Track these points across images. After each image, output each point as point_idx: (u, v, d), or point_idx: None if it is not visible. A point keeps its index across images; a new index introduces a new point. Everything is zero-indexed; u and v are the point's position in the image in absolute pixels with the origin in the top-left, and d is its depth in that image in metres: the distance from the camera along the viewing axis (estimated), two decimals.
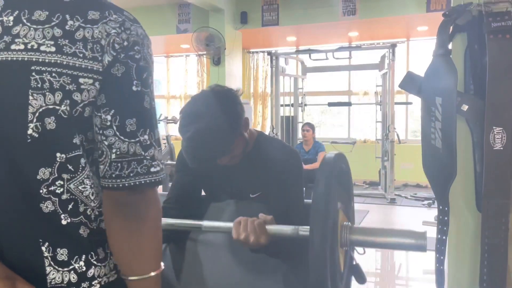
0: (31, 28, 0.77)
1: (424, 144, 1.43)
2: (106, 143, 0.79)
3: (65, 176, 0.78)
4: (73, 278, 0.79)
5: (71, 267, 0.79)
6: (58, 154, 0.77)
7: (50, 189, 0.77)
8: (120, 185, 0.79)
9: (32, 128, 0.76)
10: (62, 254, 0.79)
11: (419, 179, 7.58)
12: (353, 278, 1.42)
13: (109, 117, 0.78)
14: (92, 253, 0.81)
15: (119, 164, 0.79)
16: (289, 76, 7.52)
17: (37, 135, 0.76)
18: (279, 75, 7.11)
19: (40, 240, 0.78)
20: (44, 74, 0.75)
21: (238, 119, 1.38)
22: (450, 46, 1.38)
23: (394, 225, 5.81)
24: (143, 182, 0.79)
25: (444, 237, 1.37)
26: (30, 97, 0.75)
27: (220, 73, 7.03)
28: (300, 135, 6.99)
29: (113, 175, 0.79)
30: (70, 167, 0.78)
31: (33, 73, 0.75)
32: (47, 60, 0.76)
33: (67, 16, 0.77)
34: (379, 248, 1.24)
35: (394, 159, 6.75)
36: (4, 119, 0.77)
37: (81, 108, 0.78)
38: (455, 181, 1.32)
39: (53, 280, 0.78)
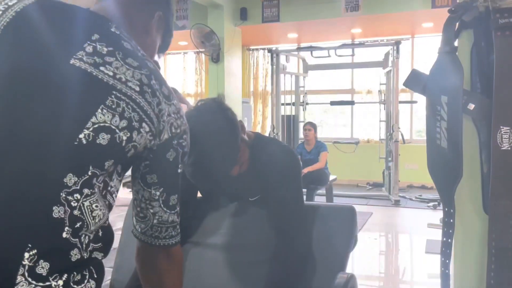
0: (124, 66, 0.87)
1: (429, 144, 1.43)
2: (151, 211, 0.95)
3: (86, 191, 0.82)
4: None
5: (47, 283, 0.76)
6: (91, 167, 0.82)
7: (68, 197, 0.79)
8: (157, 244, 0.98)
9: (84, 134, 0.81)
10: (43, 267, 0.76)
11: (424, 180, 7.58)
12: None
13: (158, 193, 0.94)
14: (73, 273, 0.80)
15: (159, 228, 0.97)
16: (290, 74, 7.53)
17: (85, 142, 0.81)
18: (280, 73, 7.11)
19: (29, 245, 0.75)
20: (121, 101, 0.84)
21: (234, 125, 1.38)
22: (456, 43, 1.38)
23: (398, 227, 5.82)
24: (174, 242, 0.99)
25: (449, 240, 1.37)
26: (99, 111, 0.82)
27: (219, 71, 7.03)
28: (301, 135, 6.99)
29: (153, 235, 0.97)
30: (94, 182, 0.83)
31: (112, 96, 0.84)
32: (128, 93, 0.85)
33: (152, 76, 0.90)
34: None
35: (398, 159, 6.74)
36: (65, 116, 0.81)
37: (131, 147, 0.87)
38: (461, 182, 1.32)
39: None
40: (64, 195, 0.79)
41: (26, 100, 0.82)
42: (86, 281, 0.82)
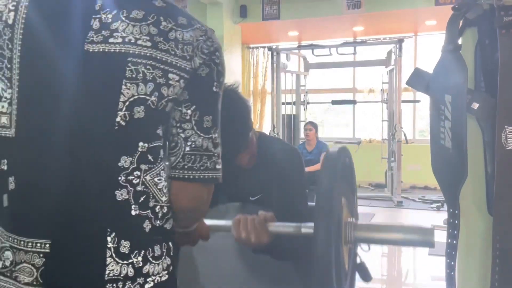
0: (130, 24, 0.87)
1: (432, 144, 1.43)
2: (182, 135, 0.89)
3: (143, 167, 0.86)
4: (130, 272, 0.85)
5: (130, 260, 0.85)
6: (140, 144, 0.86)
7: (128, 178, 0.85)
8: (191, 177, 0.90)
9: (120, 116, 0.84)
10: (125, 246, 0.85)
11: (427, 181, 7.58)
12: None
13: (189, 112, 0.89)
14: (149, 249, 0.87)
15: (192, 157, 0.90)
16: (291, 72, 7.52)
17: (124, 123, 0.84)
18: (280, 72, 7.11)
19: (108, 229, 0.84)
20: (139, 66, 0.85)
21: (246, 104, 1.41)
22: (460, 41, 1.38)
23: None
24: (211, 176, 0.91)
25: (454, 242, 1.37)
26: (123, 87, 0.84)
27: None
28: (302, 135, 6.99)
29: (186, 166, 0.90)
30: (150, 157, 0.87)
31: (129, 64, 0.85)
32: (142, 53, 0.85)
33: (161, 18, 0.88)
34: (385, 245, 1.29)
35: (401, 160, 6.75)
36: (95, 107, 0.86)
37: (165, 103, 0.87)
38: (465, 182, 1.32)
39: (112, 272, 0.83)
40: (123, 178, 0.85)
41: (66, 101, 0.86)
42: (163, 257, 0.89)
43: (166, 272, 0.89)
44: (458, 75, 1.31)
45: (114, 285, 0.83)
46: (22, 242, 0.84)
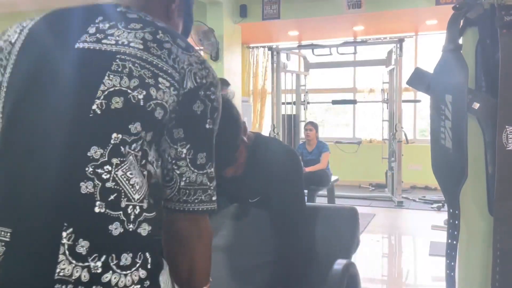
0: (125, 31, 0.90)
1: (433, 144, 1.43)
2: (177, 172, 0.91)
3: (114, 161, 0.83)
4: (84, 276, 0.78)
5: (86, 263, 0.78)
6: (114, 135, 0.83)
7: (96, 170, 0.81)
8: (186, 209, 0.91)
9: (97, 104, 0.83)
10: (83, 246, 0.78)
11: (428, 181, 7.58)
12: None
13: (184, 150, 0.90)
14: (114, 255, 0.80)
15: (187, 191, 0.91)
16: (291, 72, 7.52)
17: (99, 112, 0.83)
18: (280, 72, 7.11)
19: (65, 224, 0.79)
20: (127, 62, 0.86)
21: (236, 124, 1.39)
22: (460, 41, 1.38)
23: (401, 229, 5.82)
24: (205, 208, 0.93)
25: (454, 242, 1.37)
26: (106, 77, 0.85)
27: (218, 69, 7.03)
28: (302, 135, 6.99)
29: (181, 200, 0.91)
30: (122, 150, 0.84)
31: (117, 60, 0.86)
32: (133, 53, 0.87)
33: (160, 31, 0.91)
34: None
35: (401, 160, 6.74)
36: (74, 95, 0.86)
37: (154, 105, 0.86)
38: (465, 183, 1.32)
39: (62, 271, 0.77)
40: (91, 169, 0.81)
41: (41, 93, 0.87)
42: (135, 268, 0.82)
43: (138, 286, 0.81)
44: (458, 74, 1.31)
45: (64, 286, 0.77)
46: None
